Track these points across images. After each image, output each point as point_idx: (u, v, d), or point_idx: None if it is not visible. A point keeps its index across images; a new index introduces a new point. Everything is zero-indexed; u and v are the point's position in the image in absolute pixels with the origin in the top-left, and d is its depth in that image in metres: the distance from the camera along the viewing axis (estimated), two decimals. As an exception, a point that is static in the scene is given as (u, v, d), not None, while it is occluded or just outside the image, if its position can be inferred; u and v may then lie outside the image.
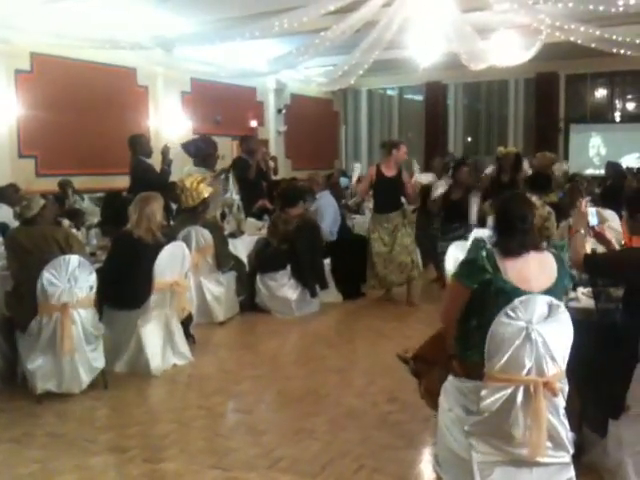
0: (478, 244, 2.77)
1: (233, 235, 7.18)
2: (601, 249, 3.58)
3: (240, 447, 3.66)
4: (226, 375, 4.95)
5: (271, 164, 9.35)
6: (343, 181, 11.85)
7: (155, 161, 7.64)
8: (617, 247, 3.46)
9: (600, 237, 3.43)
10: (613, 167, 10.29)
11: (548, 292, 2.66)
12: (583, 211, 3.44)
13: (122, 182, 7.60)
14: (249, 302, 6.83)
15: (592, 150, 14.25)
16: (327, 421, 3.98)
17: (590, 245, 3.57)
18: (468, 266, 2.75)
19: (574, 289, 3.48)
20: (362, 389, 4.56)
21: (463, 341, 2.77)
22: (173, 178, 7.58)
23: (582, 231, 3.36)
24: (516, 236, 2.73)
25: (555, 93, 14.22)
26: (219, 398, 4.46)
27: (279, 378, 4.88)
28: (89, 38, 8.85)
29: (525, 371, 2.58)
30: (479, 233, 5.07)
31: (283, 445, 3.66)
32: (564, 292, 2.79)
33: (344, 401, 4.33)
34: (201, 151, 8.99)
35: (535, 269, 2.70)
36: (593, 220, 3.43)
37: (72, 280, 4.36)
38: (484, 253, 2.68)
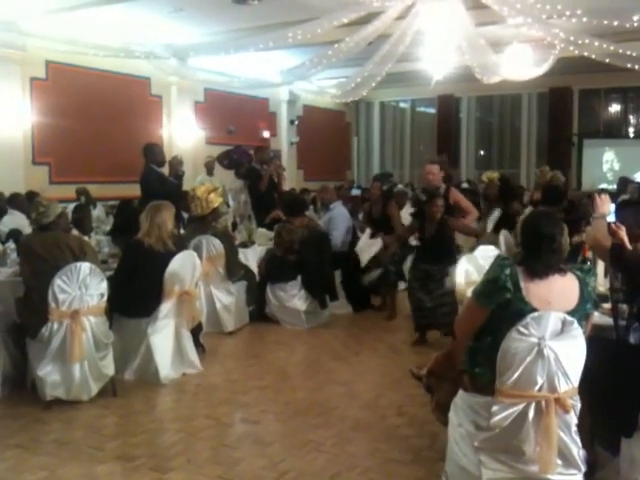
0: (502, 262, 2.69)
1: (244, 245, 7.20)
2: None
3: (247, 458, 3.64)
4: (234, 385, 4.93)
5: (285, 176, 9.40)
6: (354, 192, 11.88)
7: (167, 171, 7.68)
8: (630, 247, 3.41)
9: (615, 235, 3.38)
10: (626, 182, 10.24)
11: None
12: (604, 199, 3.40)
13: (135, 190, 7.64)
14: (259, 312, 6.83)
15: (605, 165, 14.20)
16: (334, 434, 3.96)
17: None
18: (489, 285, 2.66)
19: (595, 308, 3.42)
20: (370, 402, 4.53)
21: (474, 357, 2.74)
22: (186, 187, 7.62)
23: (605, 217, 3.30)
24: (544, 257, 2.64)
25: (568, 108, 14.21)
26: (227, 408, 4.45)
27: (287, 389, 4.86)
28: (104, 46, 8.96)
29: (537, 387, 2.55)
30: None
31: (290, 457, 3.64)
32: (585, 317, 2.72)
33: (351, 414, 4.30)
34: (234, 163, 9.10)
35: (557, 292, 2.64)
36: (611, 217, 3.39)
37: (83, 287, 4.37)
38: (508, 271, 2.61)
